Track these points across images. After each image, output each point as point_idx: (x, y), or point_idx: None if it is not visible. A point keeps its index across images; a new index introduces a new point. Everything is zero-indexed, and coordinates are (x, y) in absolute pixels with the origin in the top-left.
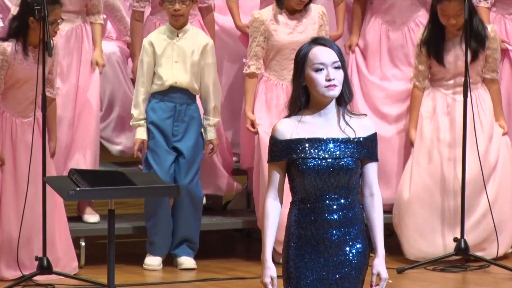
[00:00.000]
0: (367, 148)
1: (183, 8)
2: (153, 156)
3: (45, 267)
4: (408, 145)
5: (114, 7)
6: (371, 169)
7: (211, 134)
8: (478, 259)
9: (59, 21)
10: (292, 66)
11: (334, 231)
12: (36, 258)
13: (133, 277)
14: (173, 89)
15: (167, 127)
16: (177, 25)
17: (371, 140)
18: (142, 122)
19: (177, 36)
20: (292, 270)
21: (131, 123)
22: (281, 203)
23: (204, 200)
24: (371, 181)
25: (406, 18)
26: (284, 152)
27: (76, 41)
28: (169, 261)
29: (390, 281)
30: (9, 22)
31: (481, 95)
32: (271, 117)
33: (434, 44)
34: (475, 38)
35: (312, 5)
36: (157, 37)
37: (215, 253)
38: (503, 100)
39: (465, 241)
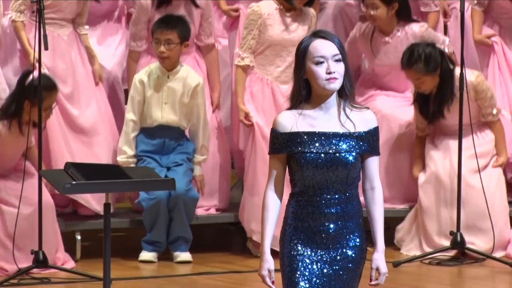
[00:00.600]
0: (367, 142)
1: (168, 51)
2: None
3: (41, 261)
4: None
5: None
6: (372, 163)
7: (196, 171)
8: (474, 252)
9: (53, 105)
10: (279, 63)
11: (331, 225)
12: (32, 252)
13: (129, 271)
14: (163, 126)
15: (156, 158)
16: (164, 66)
17: (372, 134)
18: (133, 160)
19: (168, 77)
20: (287, 261)
21: (119, 159)
22: (281, 195)
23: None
24: (372, 174)
25: (406, 87)
26: (284, 145)
27: (76, 45)
28: (165, 255)
29: (387, 274)
30: (5, 101)
31: (480, 132)
32: (258, 109)
33: (422, 104)
34: (439, 104)
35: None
36: (148, 76)
37: (211, 247)
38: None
39: (461, 235)
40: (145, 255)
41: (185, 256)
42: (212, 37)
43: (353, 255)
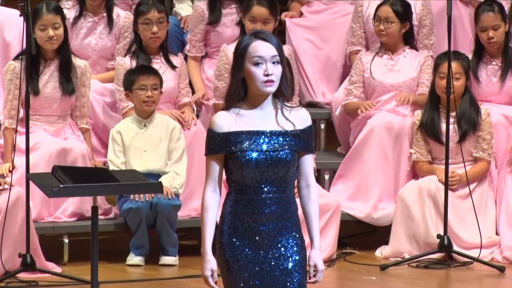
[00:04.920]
0: (303, 140)
1: (155, 95)
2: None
3: (28, 264)
4: None
5: None
6: (307, 160)
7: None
8: (461, 256)
9: None
10: None
11: (271, 224)
12: (20, 255)
13: (117, 274)
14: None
15: None
16: (149, 110)
17: (308, 132)
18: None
19: (145, 126)
20: (231, 262)
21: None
22: (220, 195)
23: None
24: (307, 172)
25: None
26: (223, 145)
27: None
28: (152, 258)
29: (373, 277)
30: None
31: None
32: None
33: (431, 126)
34: (466, 120)
35: None
36: (125, 127)
37: (197, 250)
38: None
39: (448, 238)
40: (132, 259)
41: (171, 259)
42: (189, 96)
43: (295, 254)
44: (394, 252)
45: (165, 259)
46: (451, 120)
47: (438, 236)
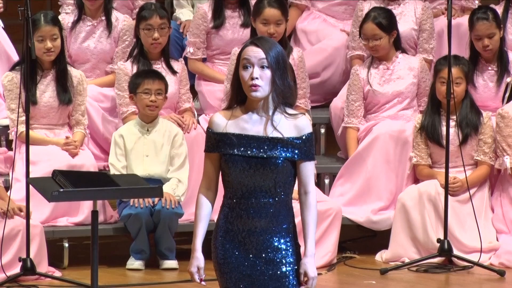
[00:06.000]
0: (299, 148)
1: (158, 100)
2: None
3: (28, 268)
4: None
5: None
6: (305, 168)
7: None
8: (461, 260)
9: None
10: None
11: (258, 229)
12: (20, 259)
13: (117, 278)
14: (145, 179)
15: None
16: (152, 115)
17: (304, 140)
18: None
19: (147, 130)
20: (222, 264)
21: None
22: (215, 194)
23: None
24: (305, 179)
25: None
26: (216, 145)
27: None
28: (152, 263)
29: (373, 282)
30: None
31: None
32: None
33: (432, 129)
34: (467, 123)
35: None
36: (127, 131)
37: None
38: None
39: (448, 242)
40: (133, 263)
41: (172, 263)
42: (189, 102)
43: (286, 260)
44: (394, 256)
45: (167, 263)
46: (452, 123)
47: (438, 240)
